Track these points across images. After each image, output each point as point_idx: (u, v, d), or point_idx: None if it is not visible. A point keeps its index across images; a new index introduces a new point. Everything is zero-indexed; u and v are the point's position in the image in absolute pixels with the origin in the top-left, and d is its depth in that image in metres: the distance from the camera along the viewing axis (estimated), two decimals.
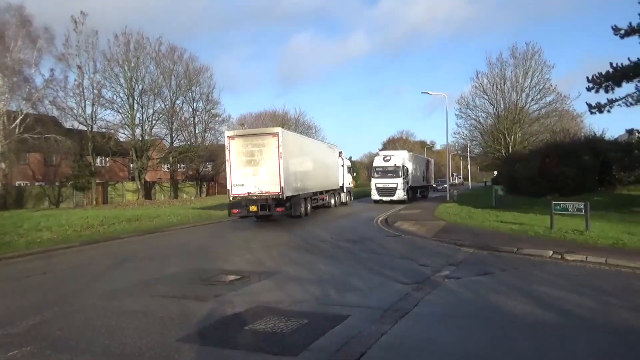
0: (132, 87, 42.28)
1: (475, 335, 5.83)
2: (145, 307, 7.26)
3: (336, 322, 6.22)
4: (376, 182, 34.67)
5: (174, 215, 24.74)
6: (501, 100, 47.69)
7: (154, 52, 43.93)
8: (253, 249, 13.40)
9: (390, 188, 33.96)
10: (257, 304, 7.26)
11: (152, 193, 48.07)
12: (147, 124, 44.93)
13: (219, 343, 5.67)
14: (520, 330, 5.95)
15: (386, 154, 36.69)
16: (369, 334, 5.80)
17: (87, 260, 12.51)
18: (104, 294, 8.29)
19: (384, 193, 34.05)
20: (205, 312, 6.89)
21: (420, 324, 6.29)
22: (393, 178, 34.02)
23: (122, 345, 5.60)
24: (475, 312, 6.76)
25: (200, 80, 50.01)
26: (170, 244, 15.53)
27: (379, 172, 34.84)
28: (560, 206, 14.29)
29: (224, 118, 54.32)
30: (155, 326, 6.29)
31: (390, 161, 34.94)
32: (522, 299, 7.23)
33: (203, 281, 9.15)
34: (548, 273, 9.21)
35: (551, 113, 46.33)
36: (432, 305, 7.17)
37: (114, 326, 6.34)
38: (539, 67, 44.78)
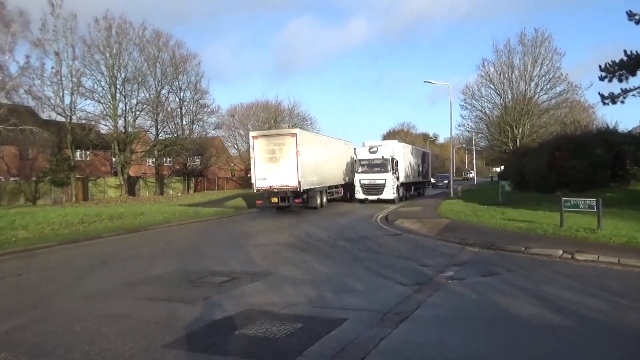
0: (114, 76, 41.98)
1: (480, 339, 5.86)
2: (128, 310, 7.25)
3: (332, 326, 6.23)
4: (360, 178, 31.35)
5: (159, 212, 24.69)
6: (508, 90, 47.75)
7: (137, 37, 43.58)
8: (244, 248, 13.40)
9: (376, 185, 30.85)
10: (249, 307, 7.26)
11: (136, 189, 47.91)
12: (130, 115, 44.66)
13: (208, 349, 5.67)
14: (527, 333, 5.97)
15: (373, 144, 32.70)
16: (368, 338, 5.81)
17: (66, 260, 12.47)
18: (84, 296, 8.27)
19: (369, 191, 31.06)
20: (193, 316, 6.88)
21: (422, 328, 6.31)
22: (380, 173, 30.81)
23: (103, 352, 5.58)
24: (480, 315, 6.79)
25: (187, 69, 49.78)
26: (156, 244, 15.50)
27: (363, 166, 31.49)
28: (571, 203, 14.35)
29: (213, 109, 54.20)
30: (140, 331, 6.28)
31: (377, 153, 31.39)
32: (530, 301, 7.26)
33: (191, 283, 9.15)
34: (557, 274, 9.26)
35: (561, 104, 46.42)
36: (434, 307, 7.19)
37: (94, 331, 6.33)
38: (549, 54, 44.84)
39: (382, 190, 30.67)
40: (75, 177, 40.60)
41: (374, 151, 31.54)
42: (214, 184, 59.79)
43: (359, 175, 31.41)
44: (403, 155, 34.15)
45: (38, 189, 39.01)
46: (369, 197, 31.01)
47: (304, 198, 26.07)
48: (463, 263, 10.54)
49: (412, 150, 39.18)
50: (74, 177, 40.40)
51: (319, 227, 18.38)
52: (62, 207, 30.55)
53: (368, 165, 31.37)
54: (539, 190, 29.22)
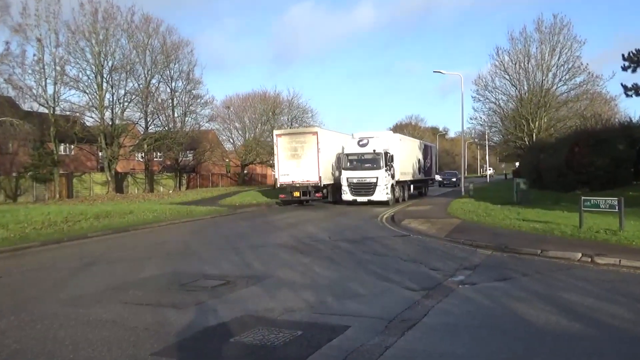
0: (100, 64, 41.96)
1: (493, 348, 5.84)
2: (115, 316, 7.26)
3: (334, 334, 6.23)
4: (348, 175, 28.87)
5: (149, 211, 24.72)
6: (524, 81, 47.64)
7: (125, 23, 43.55)
8: (240, 249, 13.41)
9: (367, 184, 28.39)
10: (244, 313, 7.27)
11: (124, 186, 47.98)
12: (118, 107, 44.65)
13: (200, 357, 5.67)
14: (544, 342, 5.96)
15: (362, 135, 30.54)
16: (372, 347, 5.80)
17: (49, 262, 12.49)
18: (68, 300, 8.28)
19: (358, 191, 28.58)
20: (185, 322, 6.89)
21: (431, 336, 6.30)
22: (371, 170, 28.34)
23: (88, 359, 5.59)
24: (493, 323, 6.78)
25: (179, 57, 49.80)
26: (145, 244, 15.53)
27: (352, 162, 29.09)
28: (591, 202, 14.32)
29: (207, 100, 54.20)
30: (127, 338, 6.29)
31: (367, 146, 28.92)
32: (547, 308, 7.25)
33: (182, 286, 9.15)
34: (576, 278, 9.25)
35: (581, 96, 46.31)
36: (444, 314, 7.18)
37: (79, 337, 6.33)
38: (568, 42, 44.67)
39: (373, 190, 28.32)
40: (58, 173, 40.65)
41: (364, 144, 29.18)
42: (207, 180, 59.86)
43: (346, 173, 29.04)
44: (400, 148, 31.67)
45: (19, 186, 39.07)
46: (358, 197, 28.64)
47: (324, 192, 29.92)
48: (475, 267, 10.54)
49: (411, 143, 37.06)
50: (58, 172, 40.44)
51: (319, 227, 18.39)
52: (45, 205, 30.60)
53: (357, 160, 29.11)
54: (556, 188, 29.21)
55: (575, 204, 15.54)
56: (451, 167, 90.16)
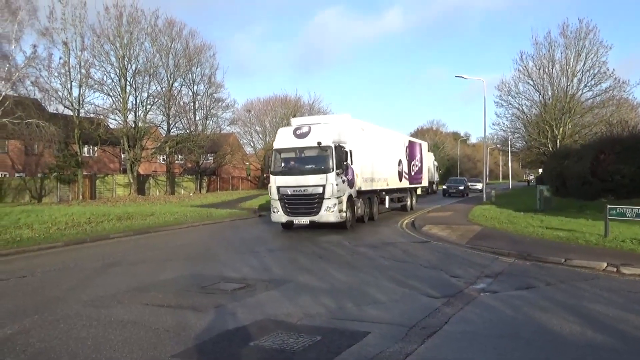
0: (124, 67, 42.46)
1: (515, 358, 5.77)
2: (136, 317, 7.34)
3: (354, 340, 6.21)
4: (280, 182, 18.76)
5: (170, 213, 24.98)
6: (549, 87, 47.02)
7: (149, 27, 44.03)
8: (259, 253, 13.47)
9: (308, 196, 18.31)
10: (264, 317, 7.29)
11: (145, 187, 48.45)
12: (140, 109, 45.10)
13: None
14: (567, 354, 5.86)
15: (302, 122, 21.04)
16: (392, 354, 5.77)
17: (72, 262, 12.69)
18: (90, 301, 8.40)
19: (295, 207, 18.50)
20: (204, 325, 6.94)
21: (451, 345, 6.24)
22: (315, 174, 18.27)
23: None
24: (515, 332, 6.68)
25: (201, 60, 50.15)
26: (166, 246, 15.68)
27: (286, 162, 19.24)
28: (617, 210, 14.07)
29: (228, 103, 54.50)
30: (148, 339, 6.35)
31: (308, 136, 18.71)
32: (570, 318, 7.13)
33: (202, 289, 9.22)
34: (601, 288, 9.07)
35: (607, 102, 45.53)
36: (465, 322, 7.11)
37: (100, 338, 6.42)
38: (594, 48, 43.96)
39: (318, 206, 18.06)
40: (82, 174, 41.25)
41: (304, 133, 18.83)
42: (228, 183, 60.17)
43: (276, 179, 18.80)
44: (362, 142, 21.17)
45: (44, 186, 39.81)
46: (295, 218, 18.42)
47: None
48: (496, 274, 10.41)
49: (383, 136, 25.13)
50: (81, 174, 41.04)
51: (338, 232, 18.35)
52: (69, 206, 31.12)
53: (294, 159, 19.08)
54: (581, 196, 28.71)
55: (600, 212, 15.28)
56: (472, 173, 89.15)
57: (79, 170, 40.58)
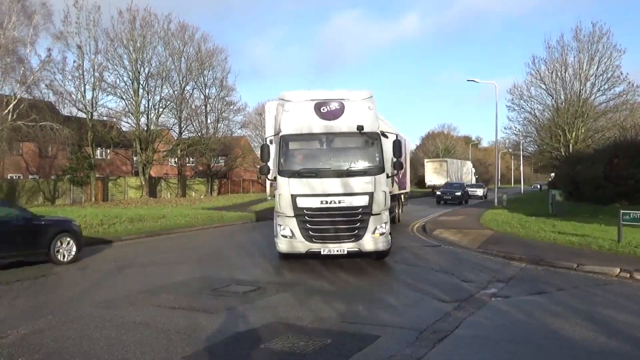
0: (137, 70, 42.88)
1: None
2: (148, 319, 7.39)
3: (364, 344, 6.21)
4: (297, 189, 11.48)
5: (181, 215, 25.09)
6: (561, 91, 46.66)
7: (162, 30, 44.44)
8: (269, 256, 13.48)
9: (344, 211, 11.43)
10: (274, 320, 7.31)
11: (157, 190, 48.76)
12: (153, 112, 45.49)
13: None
14: (579, 359, 5.81)
15: (325, 97, 11.99)
16: (403, 358, 5.77)
17: (84, 264, 12.79)
18: (102, 302, 8.47)
19: (323, 230, 11.42)
20: (215, 327, 6.97)
21: (462, 349, 6.21)
22: (354, 176, 11.57)
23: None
24: (526, 337, 6.64)
25: (213, 64, 50.44)
26: (177, 248, 15.76)
27: (306, 156, 12.09)
28: (630, 216, 13.92)
29: (240, 107, 54.85)
30: (159, 340, 6.40)
31: (341, 116, 11.65)
32: (583, 323, 7.08)
33: (213, 291, 9.27)
34: (614, 294, 8.99)
35: (621, 106, 45.08)
36: (476, 327, 7.08)
37: (113, 338, 6.48)
38: (607, 51, 43.55)
39: (360, 227, 11.47)
40: (95, 177, 41.61)
41: (334, 112, 11.75)
42: (238, 186, 60.36)
43: (291, 183, 11.53)
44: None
45: (57, 188, 40.16)
46: (324, 246, 11.42)
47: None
48: (508, 279, 10.35)
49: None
50: (94, 176, 41.40)
51: None
52: (82, 208, 31.40)
53: (319, 152, 12.15)
54: (594, 201, 28.47)
55: (613, 217, 15.13)
56: (484, 178, 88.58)
57: (92, 173, 40.93)
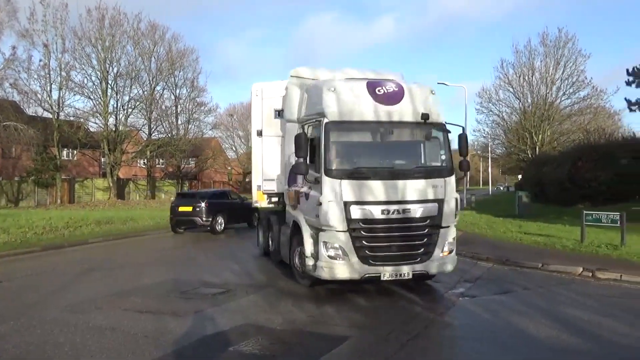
0: (105, 70, 42.21)
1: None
2: (115, 323, 7.26)
3: (333, 345, 6.23)
4: (353, 194, 8.45)
5: (150, 217, 24.74)
6: (528, 94, 47.74)
7: (132, 30, 43.87)
8: (240, 258, 13.42)
9: (410, 223, 8.66)
10: (244, 322, 7.28)
11: (125, 192, 48.05)
12: (122, 113, 44.91)
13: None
14: (544, 357, 5.96)
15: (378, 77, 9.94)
16: (371, 358, 5.81)
17: (50, 267, 12.50)
18: (68, 306, 8.29)
19: (385, 247, 8.61)
20: (184, 330, 6.90)
21: (430, 349, 6.31)
22: (420, 177, 8.83)
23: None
24: (493, 336, 6.78)
25: (184, 64, 49.98)
26: (146, 251, 15.55)
27: (363, 150, 9.47)
28: (593, 216, 14.31)
29: (211, 108, 54.34)
30: (127, 345, 6.30)
31: (401, 101, 8.86)
32: (547, 322, 7.25)
33: (182, 294, 9.17)
34: (577, 293, 9.23)
35: (585, 110, 46.41)
36: (444, 327, 7.19)
37: (78, 344, 6.34)
38: (573, 56, 44.82)
39: (428, 243, 8.76)
40: (61, 178, 40.74)
41: (393, 95, 8.88)
42: (209, 187, 59.87)
43: (344, 186, 8.42)
44: None
45: (21, 190, 39.17)
46: (385, 268, 8.49)
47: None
48: (475, 279, 10.52)
49: None
50: (60, 177, 40.52)
51: None
52: (47, 210, 30.69)
53: (377, 146, 9.43)
54: (559, 202, 29.13)
55: (577, 218, 15.53)
56: None
57: (58, 174, 40.07)
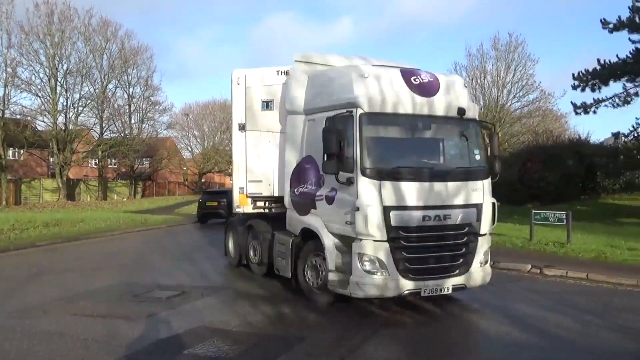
0: (54, 67, 40.93)
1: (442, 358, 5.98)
2: (64, 328, 7.05)
3: (290, 346, 6.25)
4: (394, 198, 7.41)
5: (102, 219, 24.09)
6: (480, 97, 48.91)
7: (82, 26, 42.68)
8: (196, 260, 13.24)
9: (450, 230, 7.82)
10: (199, 325, 7.19)
11: (75, 193, 46.71)
12: (72, 111, 43.63)
13: None
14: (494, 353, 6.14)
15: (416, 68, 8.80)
16: (327, 358, 5.85)
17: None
18: (14, 312, 7.98)
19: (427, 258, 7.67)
20: (137, 334, 6.76)
21: (386, 347, 6.39)
22: (458, 179, 8.02)
23: None
24: (446, 334, 6.94)
25: (138, 62, 48.94)
26: (97, 254, 15.14)
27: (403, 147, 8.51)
28: (541, 215, 14.86)
29: (166, 107, 53.40)
30: (76, 350, 6.13)
31: (438, 92, 8.05)
32: (498, 318, 7.48)
33: (135, 297, 8.98)
34: (525, 289, 9.57)
35: (534, 112, 48.03)
36: (397, 326, 7.30)
37: (25, 350, 6.12)
38: (522, 60, 46.26)
39: (466, 253, 7.91)
40: (6, 179, 39.24)
41: (429, 85, 8.07)
42: (164, 188, 58.85)
43: (384, 187, 7.36)
44: None
45: None
46: (426, 283, 7.53)
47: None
48: None
49: None
50: (5, 178, 39.04)
51: None
52: None
53: (415, 143, 8.59)
54: (509, 202, 30.00)
55: (527, 217, 16.06)
56: None
57: (3, 175, 38.60)
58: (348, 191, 7.50)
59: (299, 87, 8.95)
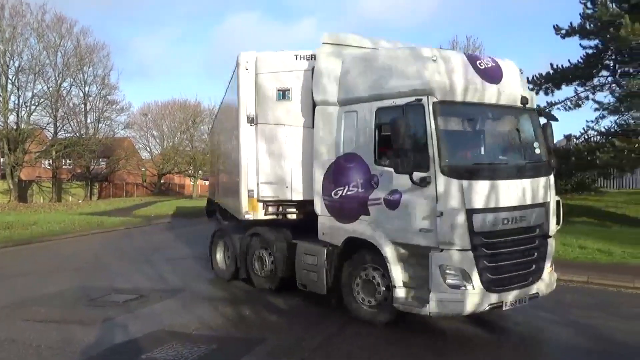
0: (5, 64, 39.65)
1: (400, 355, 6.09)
2: (15, 334, 6.84)
3: (250, 347, 6.23)
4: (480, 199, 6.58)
5: (56, 222, 23.38)
6: None
7: (36, 22, 41.47)
8: (154, 262, 13.02)
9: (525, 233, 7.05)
10: (157, 328, 7.10)
11: (28, 194, 45.43)
12: (24, 110, 42.32)
13: None
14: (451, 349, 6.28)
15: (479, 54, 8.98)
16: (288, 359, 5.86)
17: None
18: None
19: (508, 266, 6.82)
20: (93, 339, 6.62)
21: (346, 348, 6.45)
22: (529, 176, 7.17)
23: None
24: (411, 335, 7.05)
25: (94, 60, 47.80)
26: (51, 257, 14.69)
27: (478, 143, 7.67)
28: None
29: (123, 106, 52.27)
30: (28, 358, 5.98)
31: (502, 80, 7.25)
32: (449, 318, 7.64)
33: (91, 302, 8.78)
34: None
35: None
36: (359, 326, 7.36)
37: None
38: None
39: (538, 259, 7.20)
40: None
41: (492, 70, 7.26)
42: (121, 190, 57.59)
43: (471, 189, 6.53)
44: None
45: None
46: (507, 294, 6.70)
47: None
48: None
49: None
50: None
51: None
52: None
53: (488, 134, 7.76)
54: None
55: None
56: None
57: None
58: (421, 193, 6.52)
59: (330, 74, 7.85)
